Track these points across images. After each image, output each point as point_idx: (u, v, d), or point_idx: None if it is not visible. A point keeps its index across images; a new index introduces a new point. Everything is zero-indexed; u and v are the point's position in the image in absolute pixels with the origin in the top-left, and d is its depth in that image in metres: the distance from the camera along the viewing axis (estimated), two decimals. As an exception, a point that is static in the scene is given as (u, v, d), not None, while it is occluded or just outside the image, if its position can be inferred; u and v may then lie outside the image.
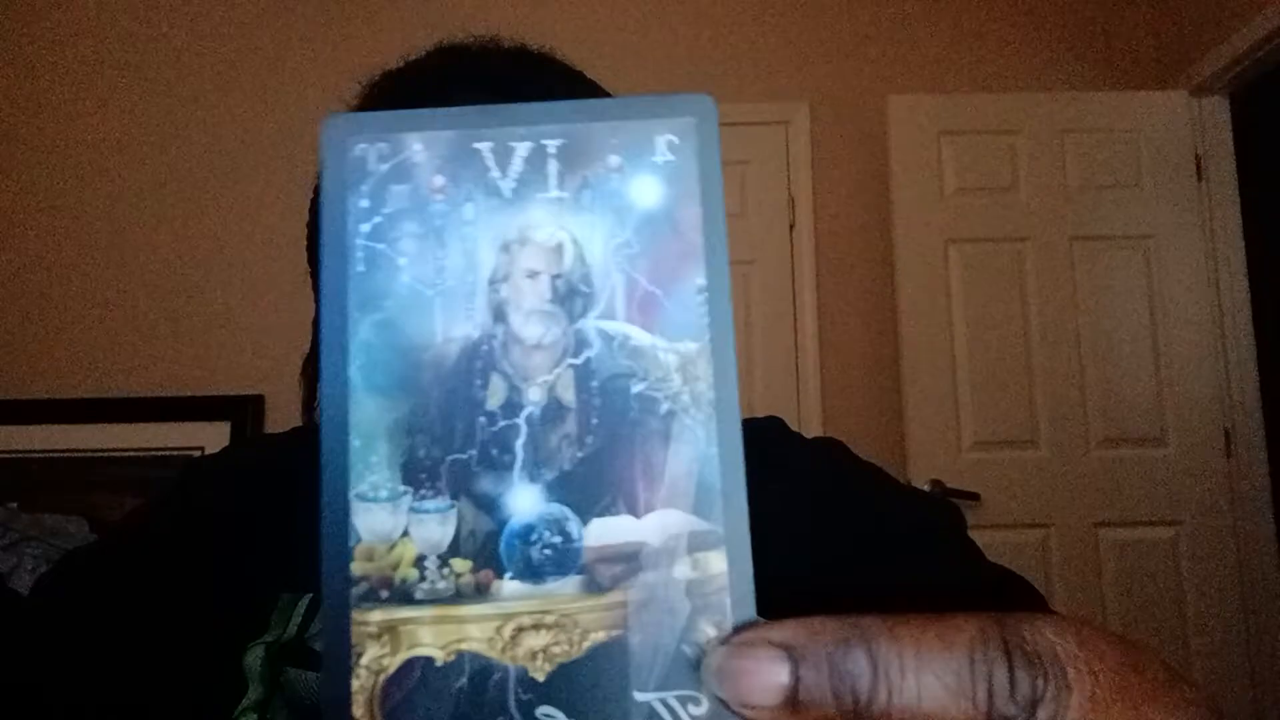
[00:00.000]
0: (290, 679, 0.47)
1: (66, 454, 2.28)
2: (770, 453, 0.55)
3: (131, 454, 2.28)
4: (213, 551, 0.52)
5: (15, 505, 2.23)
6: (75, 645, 0.49)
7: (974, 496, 2.21)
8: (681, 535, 0.20)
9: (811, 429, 2.29)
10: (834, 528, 0.50)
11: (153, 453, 2.28)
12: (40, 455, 2.28)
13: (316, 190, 0.56)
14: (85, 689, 0.48)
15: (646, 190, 0.21)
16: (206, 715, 0.47)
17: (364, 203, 0.21)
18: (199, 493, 0.58)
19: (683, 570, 0.20)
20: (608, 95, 0.58)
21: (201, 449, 2.28)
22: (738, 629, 0.19)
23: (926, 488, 2.19)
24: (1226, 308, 2.35)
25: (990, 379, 2.30)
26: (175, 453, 2.28)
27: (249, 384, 2.32)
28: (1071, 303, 2.32)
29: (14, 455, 2.27)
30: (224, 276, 2.42)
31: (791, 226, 2.48)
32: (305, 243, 0.58)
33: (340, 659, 0.19)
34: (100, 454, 2.28)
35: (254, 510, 0.54)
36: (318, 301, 0.57)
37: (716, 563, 0.20)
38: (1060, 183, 2.36)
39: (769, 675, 0.18)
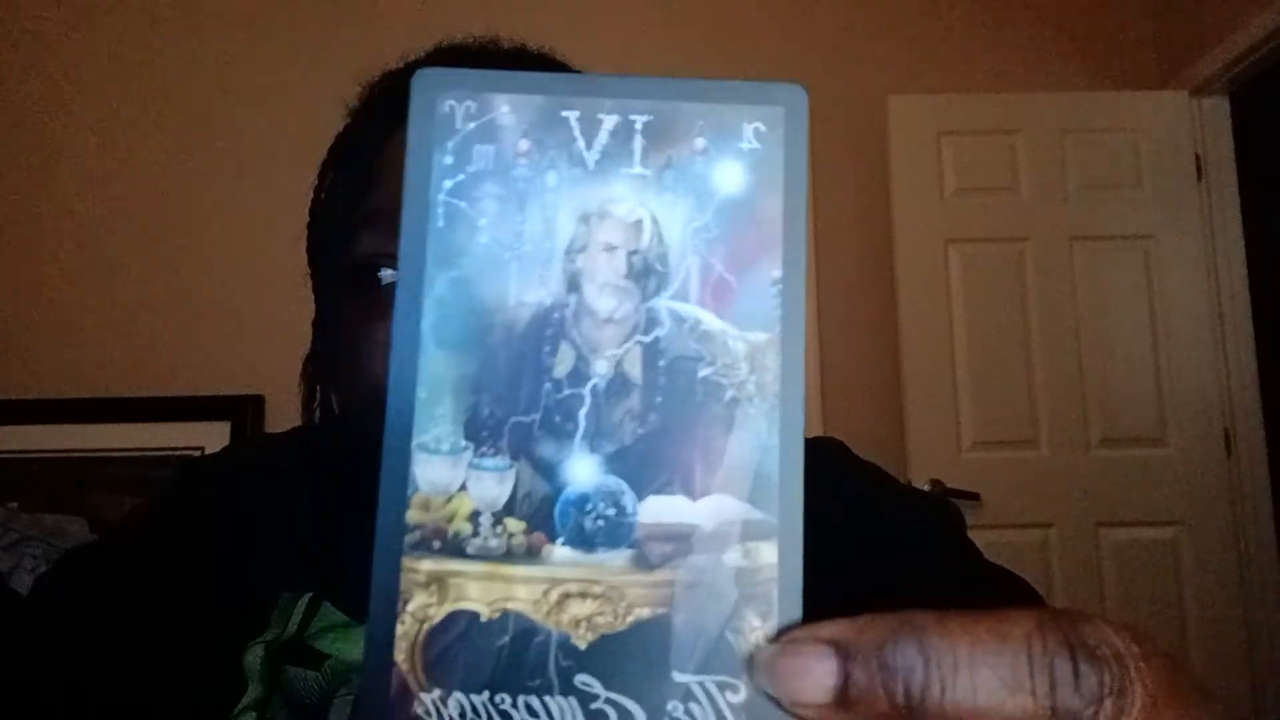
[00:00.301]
0: (290, 678, 0.47)
1: (66, 454, 2.28)
2: None
3: (131, 454, 2.28)
4: (212, 551, 0.52)
5: (15, 505, 2.23)
6: (75, 645, 0.49)
7: (974, 496, 2.21)
8: (735, 522, 0.20)
9: (811, 429, 2.28)
10: (833, 528, 0.50)
11: (153, 453, 2.28)
12: (40, 455, 2.28)
13: (317, 191, 0.56)
14: (85, 688, 0.48)
15: (730, 176, 0.21)
16: (206, 714, 0.47)
17: (448, 159, 0.21)
18: (199, 492, 0.58)
19: (733, 557, 0.20)
20: None
21: (201, 449, 2.28)
22: (786, 628, 0.19)
23: (926, 488, 2.19)
24: (1226, 308, 2.35)
25: (990, 379, 2.30)
26: (175, 453, 2.28)
27: (249, 384, 2.32)
28: (1071, 303, 2.32)
29: (14, 455, 2.27)
30: (224, 276, 2.42)
31: (791, 226, 2.48)
32: (305, 243, 0.58)
33: (387, 604, 0.20)
34: (100, 454, 2.28)
35: (254, 510, 0.54)
36: (317, 302, 0.57)
37: (768, 553, 0.20)
38: (1060, 183, 2.36)
39: (818, 673, 0.18)
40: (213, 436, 2.28)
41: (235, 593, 0.50)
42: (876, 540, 0.49)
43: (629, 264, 0.21)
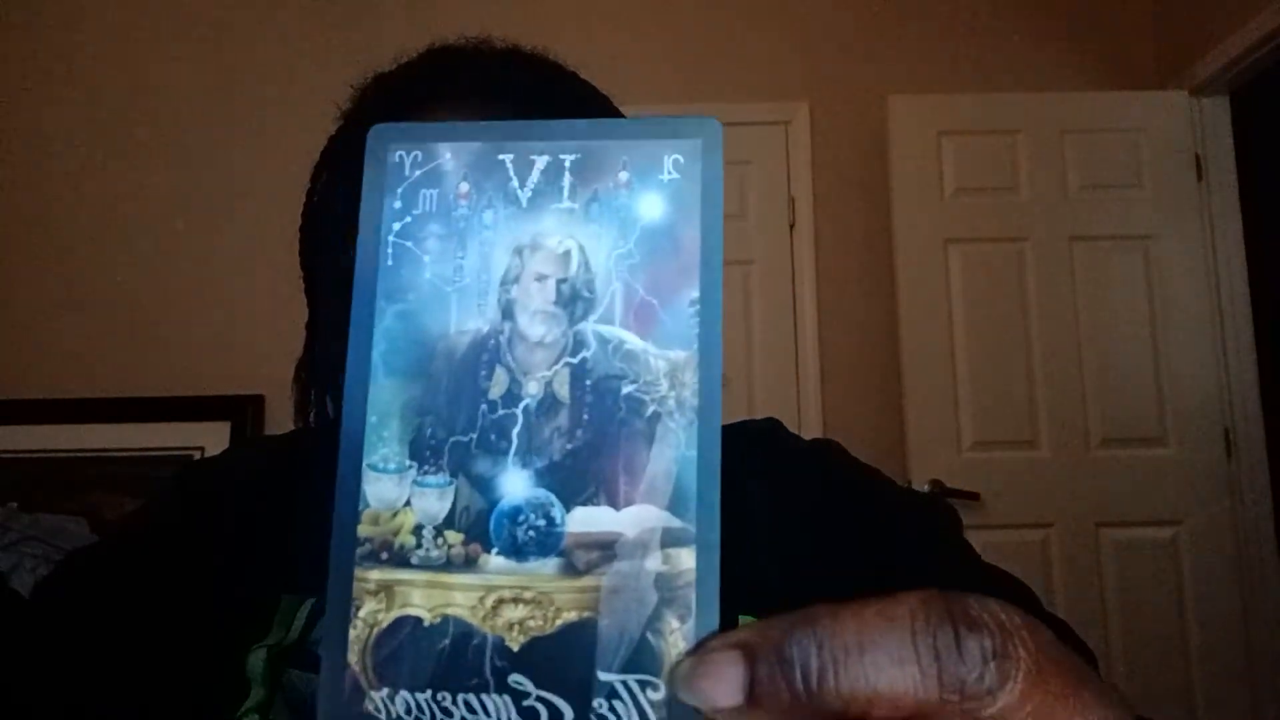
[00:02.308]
0: (292, 681, 0.47)
1: (66, 454, 2.28)
2: (768, 454, 0.55)
3: (131, 454, 2.28)
4: (213, 553, 0.52)
5: (15, 505, 2.23)
6: (76, 646, 0.49)
7: (974, 496, 2.21)
8: (656, 530, 0.21)
9: (811, 429, 2.29)
10: (831, 529, 0.50)
11: (153, 453, 2.28)
12: (40, 455, 2.28)
13: (310, 194, 0.56)
14: (86, 690, 0.48)
15: (651, 206, 0.23)
16: (207, 717, 0.47)
17: (397, 204, 0.24)
18: (199, 494, 0.58)
19: (654, 563, 0.21)
20: (602, 95, 0.58)
21: (201, 449, 2.28)
22: (702, 640, 0.20)
23: (926, 488, 2.19)
24: (1226, 308, 2.35)
25: (990, 379, 2.30)
26: (175, 453, 2.28)
27: (249, 384, 2.32)
28: (1071, 303, 2.32)
29: (14, 455, 2.27)
30: (224, 277, 2.42)
31: (791, 226, 2.48)
32: (299, 246, 0.58)
33: (341, 609, 0.22)
34: (100, 454, 2.28)
35: (254, 512, 0.54)
36: (311, 303, 0.57)
37: (686, 559, 0.21)
38: (1060, 183, 2.36)
39: (729, 677, 0.19)
40: (213, 436, 2.29)
41: (236, 595, 0.50)
42: (874, 541, 0.49)
43: (558, 291, 0.23)
